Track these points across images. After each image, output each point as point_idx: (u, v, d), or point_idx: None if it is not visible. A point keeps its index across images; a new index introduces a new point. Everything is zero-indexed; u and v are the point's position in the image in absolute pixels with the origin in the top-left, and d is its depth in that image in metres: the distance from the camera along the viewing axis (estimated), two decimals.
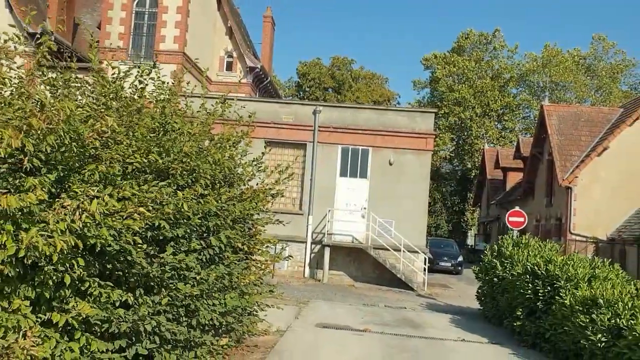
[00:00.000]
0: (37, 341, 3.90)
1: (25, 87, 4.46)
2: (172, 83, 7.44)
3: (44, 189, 4.06)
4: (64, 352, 4.42)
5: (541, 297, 10.65)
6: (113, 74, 6.43)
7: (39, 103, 4.43)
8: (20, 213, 3.92)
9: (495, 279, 13.03)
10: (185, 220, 5.85)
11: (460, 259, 30.16)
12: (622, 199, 23.95)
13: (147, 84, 6.74)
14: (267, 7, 38.95)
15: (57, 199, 4.31)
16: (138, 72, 6.66)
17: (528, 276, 11.20)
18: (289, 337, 10.01)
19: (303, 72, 62.29)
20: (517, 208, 18.90)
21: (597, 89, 54.85)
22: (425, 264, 20.18)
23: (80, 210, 4.12)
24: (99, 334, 4.89)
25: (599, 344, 8.30)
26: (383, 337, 10.78)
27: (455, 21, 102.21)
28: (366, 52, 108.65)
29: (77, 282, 4.54)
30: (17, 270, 3.98)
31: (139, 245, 4.98)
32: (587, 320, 8.67)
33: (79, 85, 5.82)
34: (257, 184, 8.53)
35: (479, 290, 14.67)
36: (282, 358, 8.50)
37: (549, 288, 10.56)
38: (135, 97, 6.62)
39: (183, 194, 5.58)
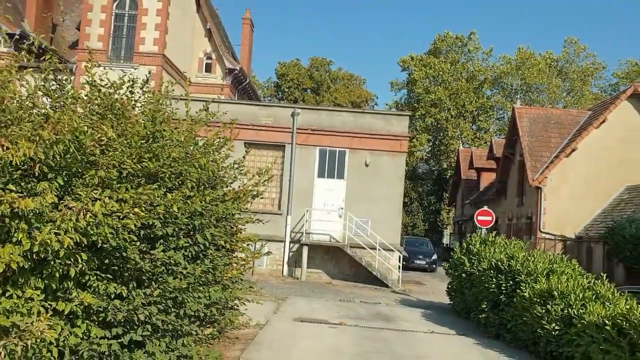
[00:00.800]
0: (48, 325, 4.44)
1: (33, 101, 4.98)
2: (160, 91, 7.97)
3: (52, 192, 4.60)
4: (67, 337, 4.98)
5: (504, 291, 11.38)
6: (106, 84, 6.95)
7: (43, 115, 4.99)
8: (32, 213, 4.46)
9: (463, 274, 13.75)
10: (173, 220, 6.42)
11: (435, 257, 30.94)
12: (589, 199, 24.82)
13: (140, 96, 7.29)
14: (246, 9, 39.51)
15: (61, 201, 4.86)
16: (128, 84, 7.20)
17: (492, 271, 11.93)
18: (268, 330, 10.60)
19: (282, 72, 62.74)
20: (485, 207, 19.70)
21: (569, 91, 56.32)
22: (400, 261, 20.90)
23: (84, 211, 4.67)
24: (97, 322, 5.44)
25: (553, 332, 9.05)
26: (357, 329, 11.42)
27: (432, 22, 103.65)
28: (344, 53, 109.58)
29: (79, 275, 5.10)
30: (29, 263, 4.52)
31: (133, 243, 5.55)
32: (543, 311, 9.42)
33: (76, 97, 6.34)
34: (238, 186, 9.11)
35: (449, 286, 15.40)
36: (262, 349, 9.09)
37: (511, 282, 11.30)
38: (126, 102, 7.15)
39: (172, 196, 6.14)
